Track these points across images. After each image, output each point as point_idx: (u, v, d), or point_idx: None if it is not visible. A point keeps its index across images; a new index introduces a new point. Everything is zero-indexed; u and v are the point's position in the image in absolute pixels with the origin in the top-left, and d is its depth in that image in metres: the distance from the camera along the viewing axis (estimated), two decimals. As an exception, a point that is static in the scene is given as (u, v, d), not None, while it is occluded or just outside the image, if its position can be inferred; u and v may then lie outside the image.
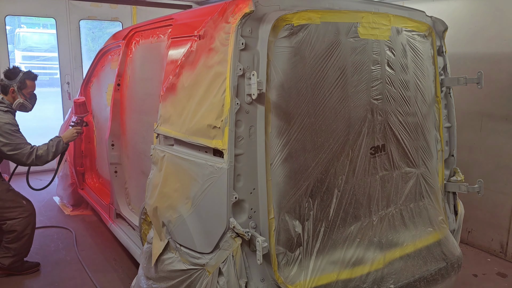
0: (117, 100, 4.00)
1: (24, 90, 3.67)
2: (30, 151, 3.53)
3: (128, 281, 3.73)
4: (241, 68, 2.10)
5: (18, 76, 3.62)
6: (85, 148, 5.22)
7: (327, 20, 2.30)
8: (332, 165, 2.38)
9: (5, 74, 3.66)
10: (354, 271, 2.45)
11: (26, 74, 3.68)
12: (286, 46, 2.17)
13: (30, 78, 3.69)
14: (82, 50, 7.36)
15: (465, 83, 2.95)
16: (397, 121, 2.67)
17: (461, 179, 3.07)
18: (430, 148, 2.91)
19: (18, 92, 3.63)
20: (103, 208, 4.54)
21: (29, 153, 3.52)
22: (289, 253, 2.25)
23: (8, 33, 6.95)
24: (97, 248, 4.39)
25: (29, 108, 3.75)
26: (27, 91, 3.69)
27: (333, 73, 2.33)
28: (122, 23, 7.53)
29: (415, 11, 2.85)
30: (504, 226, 4.28)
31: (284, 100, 2.19)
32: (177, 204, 2.40)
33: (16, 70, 3.68)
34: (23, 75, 3.65)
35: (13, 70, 3.68)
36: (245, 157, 2.15)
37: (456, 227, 3.11)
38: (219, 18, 2.25)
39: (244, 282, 2.15)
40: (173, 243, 2.45)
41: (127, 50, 3.92)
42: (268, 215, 2.17)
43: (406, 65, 2.70)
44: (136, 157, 3.77)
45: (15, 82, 3.62)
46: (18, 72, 3.66)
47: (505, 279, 3.91)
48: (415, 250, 2.73)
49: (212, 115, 2.18)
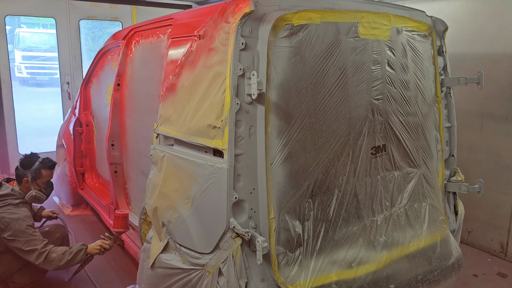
0: (117, 100, 4.00)
1: (39, 180, 3.39)
2: (40, 251, 3.11)
3: (128, 281, 3.73)
4: (241, 68, 2.09)
5: (34, 166, 3.36)
6: (85, 148, 5.22)
7: (327, 20, 2.30)
8: (333, 165, 2.38)
9: (21, 162, 3.41)
10: (354, 272, 2.44)
11: (42, 164, 3.40)
12: (286, 46, 2.17)
13: (46, 167, 3.41)
14: (82, 50, 7.36)
15: (465, 83, 2.95)
16: (397, 121, 2.67)
17: (461, 179, 3.07)
18: (431, 148, 2.91)
19: (31, 183, 3.36)
20: (103, 208, 4.54)
21: (38, 253, 3.11)
22: (289, 253, 2.25)
23: (8, 33, 6.94)
24: (97, 248, 4.38)
25: (43, 200, 3.45)
26: (42, 181, 3.41)
27: (333, 73, 2.32)
28: (122, 23, 7.52)
29: (415, 11, 2.85)
30: (504, 226, 4.27)
31: (284, 100, 2.19)
32: (177, 204, 2.40)
33: (32, 159, 3.41)
34: (38, 165, 3.37)
35: (29, 158, 3.42)
36: (245, 157, 2.14)
37: (456, 227, 3.11)
38: (219, 18, 2.25)
39: (244, 282, 2.15)
40: (173, 243, 2.45)
41: (127, 50, 3.91)
42: (268, 215, 2.17)
43: (406, 65, 2.69)
44: (136, 157, 3.77)
45: (30, 172, 3.35)
46: (35, 161, 3.39)
47: (505, 279, 3.91)
48: (416, 250, 2.73)
49: (212, 115, 2.18)
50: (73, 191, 5.40)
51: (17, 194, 3.31)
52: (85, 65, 7.09)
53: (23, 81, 14.49)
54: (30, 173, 3.34)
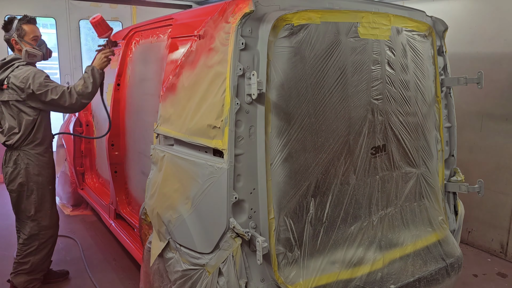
0: (117, 100, 3.99)
1: (26, 37, 3.22)
2: (69, 92, 3.16)
3: (128, 281, 3.73)
4: (241, 68, 2.09)
5: (13, 24, 3.21)
6: (85, 148, 5.22)
7: (327, 20, 2.30)
8: (333, 165, 2.38)
9: (2, 27, 3.28)
10: (354, 271, 2.45)
11: (21, 20, 3.23)
12: (286, 46, 2.17)
13: (25, 22, 3.23)
14: (82, 50, 7.36)
15: (465, 83, 2.95)
16: (397, 121, 2.67)
17: (461, 179, 3.07)
18: (431, 148, 2.91)
19: (20, 42, 3.21)
20: (103, 208, 4.54)
21: (69, 94, 3.15)
22: (289, 253, 2.25)
23: (8, 33, 6.94)
24: (97, 248, 4.39)
25: (39, 55, 3.28)
26: (29, 37, 3.23)
27: (333, 73, 2.32)
28: (122, 23, 7.53)
29: (415, 11, 2.85)
30: (505, 226, 4.27)
31: (284, 100, 2.19)
32: (177, 204, 2.40)
33: (10, 19, 3.24)
34: (17, 23, 3.20)
35: (8, 20, 3.26)
36: (245, 157, 2.14)
37: (456, 227, 3.11)
38: (219, 18, 2.25)
39: (244, 282, 2.15)
40: (173, 243, 2.45)
41: (127, 50, 3.91)
42: (268, 215, 2.17)
43: (406, 65, 2.69)
44: (136, 157, 3.77)
45: (13, 32, 3.20)
46: (13, 20, 3.23)
47: (505, 279, 3.91)
48: (415, 250, 2.73)
49: (212, 115, 2.18)
50: (73, 191, 5.40)
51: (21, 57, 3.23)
52: (85, 65, 7.09)
53: (23, 81, 14.48)
54: (13, 33, 3.22)
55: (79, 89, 3.18)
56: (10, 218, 5.02)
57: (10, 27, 3.22)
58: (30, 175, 3.22)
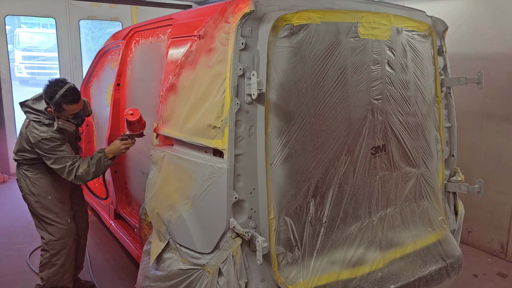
0: (117, 100, 3.99)
1: (63, 113, 3.08)
2: (69, 170, 3.06)
3: (128, 281, 3.73)
4: (241, 68, 2.09)
5: (54, 99, 2.99)
6: (85, 148, 5.22)
7: (327, 20, 2.30)
8: (333, 165, 2.38)
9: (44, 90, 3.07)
10: (354, 271, 2.45)
11: (63, 97, 2.99)
12: (286, 46, 2.17)
13: (67, 102, 3.02)
14: (82, 50, 7.36)
15: (465, 83, 2.95)
16: (397, 121, 2.67)
17: (461, 179, 3.07)
18: (431, 148, 2.91)
19: (55, 114, 3.08)
20: (103, 208, 4.54)
21: (68, 171, 3.06)
22: (289, 253, 2.25)
23: (8, 33, 6.95)
24: (97, 248, 4.39)
25: (70, 130, 3.17)
26: (66, 114, 3.10)
27: (333, 73, 2.32)
28: (122, 23, 7.53)
29: (415, 11, 2.85)
30: (505, 226, 4.27)
31: (284, 100, 2.19)
32: (177, 204, 2.40)
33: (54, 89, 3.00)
34: (58, 98, 2.99)
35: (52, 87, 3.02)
36: (245, 157, 2.14)
37: (456, 227, 3.11)
38: (219, 18, 2.25)
39: (244, 282, 2.15)
40: (173, 243, 2.45)
41: (127, 50, 3.91)
42: (268, 215, 2.17)
43: (406, 65, 2.69)
44: (136, 157, 3.77)
45: (52, 104, 3.04)
46: (56, 92, 2.99)
47: (505, 279, 3.91)
48: (415, 250, 2.73)
49: (212, 115, 2.18)
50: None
51: (48, 115, 3.12)
52: (85, 65, 7.10)
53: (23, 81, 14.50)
54: (52, 105, 3.03)
55: (80, 172, 3.07)
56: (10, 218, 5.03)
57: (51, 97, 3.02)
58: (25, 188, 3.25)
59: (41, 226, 3.25)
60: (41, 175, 3.23)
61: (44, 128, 3.07)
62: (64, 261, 3.29)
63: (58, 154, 3.06)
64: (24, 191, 3.25)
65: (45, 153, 3.05)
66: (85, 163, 3.11)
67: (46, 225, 3.24)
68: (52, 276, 3.29)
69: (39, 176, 3.22)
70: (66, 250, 3.28)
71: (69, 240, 3.30)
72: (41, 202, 3.21)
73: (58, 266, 3.27)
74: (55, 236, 3.23)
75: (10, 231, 4.62)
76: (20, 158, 3.23)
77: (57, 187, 3.28)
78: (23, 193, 3.26)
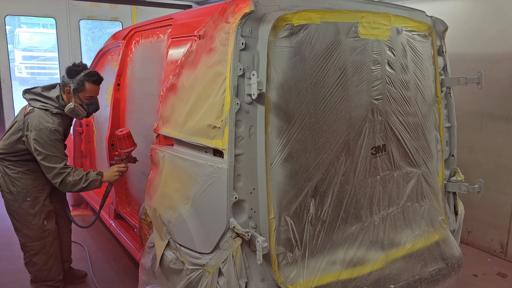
0: (117, 100, 3.99)
1: (82, 93, 3.08)
2: (59, 172, 2.97)
3: (128, 281, 3.73)
4: (241, 68, 2.09)
5: (78, 76, 3.04)
6: (85, 148, 5.22)
7: (327, 20, 2.30)
8: (333, 165, 2.38)
9: (67, 70, 3.11)
10: (354, 271, 2.45)
11: (87, 76, 3.07)
12: (286, 46, 2.17)
13: (90, 81, 3.08)
14: (82, 50, 7.36)
15: (465, 83, 2.95)
16: (397, 121, 2.67)
17: (461, 179, 3.07)
18: (431, 148, 2.91)
19: (73, 94, 3.05)
20: (103, 208, 4.53)
21: (57, 173, 2.97)
22: (289, 253, 2.25)
23: (8, 33, 6.95)
24: (97, 248, 4.39)
25: (82, 115, 3.16)
26: (84, 95, 3.10)
27: (333, 73, 2.32)
28: (122, 23, 7.52)
29: (415, 11, 2.85)
30: (504, 226, 4.27)
31: (284, 100, 2.19)
32: (177, 204, 2.40)
33: (79, 69, 3.08)
34: (83, 76, 3.05)
35: (77, 67, 3.10)
36: (245, 157, 2.14)
37: (456, 227, 3.11)
38: (219, 18, 2.25)
39: (244, 282, 2.15)
40: (173, 243, 2.45)
41: (127, 50, 3.91)
42: (268, 215, 2.17)
43: (406, 65, 2.69)
44: (136, 157, 3.77)
45: (73, 82, 3.03)
46: (80, 71, 3.07)
47: (505, 279, 3.91)
48: (416, 250, 2.73)
49: (212, 115, 2.18)
50: (73, 191, 5.40)
51: (59, 103, 3.10)
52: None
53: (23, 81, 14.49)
54: (73, 83, 3.04)
55: (69, 180, 3.00)
56: (10, 218, 5.02)
57: (73, 75, 3.07)
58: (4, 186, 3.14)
59: (18, 226, 3.18)
60: (23, 175, 3.13)
61: (50, 119, 3.00)
62: (45, 260, 3.25)
63: (53, 152, 2.96)
64: (2, 188, 3.15)
65: (40, 146, 2.92)
66: (78, 174, 3.04)
67: (22, 227, 3.17)
68: (38, 273, 3.28)
69: (20, 176, 3.12)
70: (45, 250, 3.23)
71: (47, 240, 3.22)
72: (19, 203, 3.13)
73: (40, 264, 3.25)
74: (32, 239, 3.17)
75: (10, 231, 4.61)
76: (4, 151, 3.10)
77: (38, 189, 3.18)
78: (1, 189, 3.16)
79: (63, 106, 3.11)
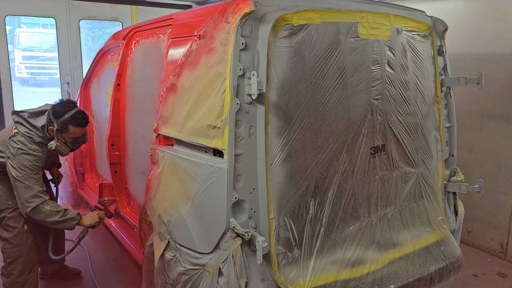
0: (117, 100, 3.99)
1: (65, 134, 3.08)
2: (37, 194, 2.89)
3: (128, 281, 3.74)
4: (241, 68, 2.09)
5: (62, 117, 3.01)
6: (85, 148, 5.22)
7: (327, 20, 2.30)
8: (332, 165, 2.38)
9: (53, 108, 3.08)
10: (354, 271, 2.45)
11: (72, 118, 3.04)
12: (286, 46, 2.17)
13: (74, 124, 3.06)
14: (82, 50, 7.36)
15: (465, 83, 2.95)
16: (397, 121, 2.67)
17: (461, 179, 3.07)
18: (430, 148, 2.91)
19: (56, 134, 3.03)
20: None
21: (34, 195, 2.88)
22: (289, 253, 2.25)
23: (8, 33, 6.95)
24: (97, 248, 4.39)
25: (65, 153, 3.14)
26: (68, 136, 3.10)
27: (333, 73, 2.33)
28: (122, 23, 7.52)
29: (415, 11, 2.85)
30: (504, 226, 4.28)
31: (284, 100, 2.19)
32: (177, 204, 2.40)
33: (64, 109, 3.04)
34: (67, 118, 3.02)
35: (63, 106, 3.06)
36: (245, 157, 2.14)
37: (456, 227, 3.11)
38: (219, 18, 2.25)
39: (244, 282, 2.15)
40: (173, 243, 2.45)
41: (127, 50, 3.91)
42: (268, 215, 2.17)
43: (406, 65, 2.70)
44: (136, 157, 3.77)
45: (57, 123, 3.01)
46: (65, 112, 3.03)
47: (505, 279, 3.91)
48: (415, 250, 2.73)
49: (212, 115, 2.18)
50: (73, 191, 5.40)
51: (43, 133, 3.05)
52: (85, 65, 7.10)
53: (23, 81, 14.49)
54: (57, 123, 3.01)
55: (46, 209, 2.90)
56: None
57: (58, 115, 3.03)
58: None
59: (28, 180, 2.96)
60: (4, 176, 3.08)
61: (32, 146, 2.98)
62: (21, 270, 3.10)
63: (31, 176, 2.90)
64: None
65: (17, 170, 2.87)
66: (56, 206, 2.96)
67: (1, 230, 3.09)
68: (11, 285, 3.12)
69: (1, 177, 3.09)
70: (22, 259, 3.10)
71: (24, 248, 3.11)
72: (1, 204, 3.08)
73: (15, 275, 3.10)
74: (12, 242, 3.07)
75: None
76: None
77: None
78: None
79: (47, 137, 3.08)
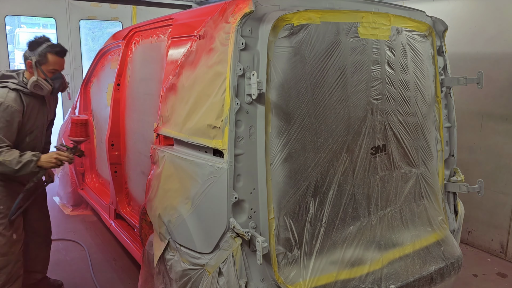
0: (117, 100, 4.00)
1: (44, 66, 2.83)
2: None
3: (128, 281, 3.73)
4: (241, 68, 2.09)
5: (40, 47, 2.80)
6: (85, 148, 5.22)
7: (327, 20, 2.30)
8: (332, 165, 2.38)
9: (28, 43, 2.87)
10: (354, 271, 2.45)
11: (50, 47, 2.83)
12: (286, 46, 2.17)
13: (53, 52, 2.84)
14: (82, 50, 7.36)
15: (465, 83, 2.95)
16: (397, 121, 2.67)
17: (461, 179, 3.07)
18: (430, 148, 2.91)
19: (36, 68, 2.80)
20: (103, 208, 4.54)
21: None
22: (289, 253, 2.25)
23: (8, 33, 6.95)
24: (97, 248, 4.39)
25: (46, 90, 2.85)
26: (47, 68, 2.84)
27: (333, 73, 2.33)
28: (122, 23, 7.53)
29: (415, 11, 2.85)
30: (504, 226, 4.27)
31: (284, 100, 2.19)
32: (177, 204, 2.40)
33: (40, 40, 2.84)
34: (45, 47, 2.81)
35: (38, 39, 2.86)
36: (245, 157, 2.14)
37: (456, 227, 3.11)
38: (219, 18, 2.25)
39: (244, 282, 2.15)
40: (173, 243, 2.45)
41: (127, 50, 3.91)
42: (268, 215, 2.17)
43: (406, 65, 2.70)
44: (136, 157, 3.77)
45: (34, 55, 2.80)
46: (42, 42, 2.83)
47: (505, 279, 3.91)
48: (415, 250, 2.73)
49: (212, 115, 2.18)
50: (73, 191, 5.40)
51: (19, 79, 2.84)
52: (85, 65, 7.10)
53: (23, 81, 14.47)
54: (35, 55, 2.80)
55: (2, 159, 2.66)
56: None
57: (35, 47, 2.85)
58: None
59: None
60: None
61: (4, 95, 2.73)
62: (4, 281, 2.88)
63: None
64: None
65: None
66: (11, 155, 2.69)
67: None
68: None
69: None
70: (7, 270, 2.87)
71: (12, 258, 2.89)
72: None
73: None
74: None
75: None
76: None
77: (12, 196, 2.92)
78: None
79: (24, 83, 2.85)
